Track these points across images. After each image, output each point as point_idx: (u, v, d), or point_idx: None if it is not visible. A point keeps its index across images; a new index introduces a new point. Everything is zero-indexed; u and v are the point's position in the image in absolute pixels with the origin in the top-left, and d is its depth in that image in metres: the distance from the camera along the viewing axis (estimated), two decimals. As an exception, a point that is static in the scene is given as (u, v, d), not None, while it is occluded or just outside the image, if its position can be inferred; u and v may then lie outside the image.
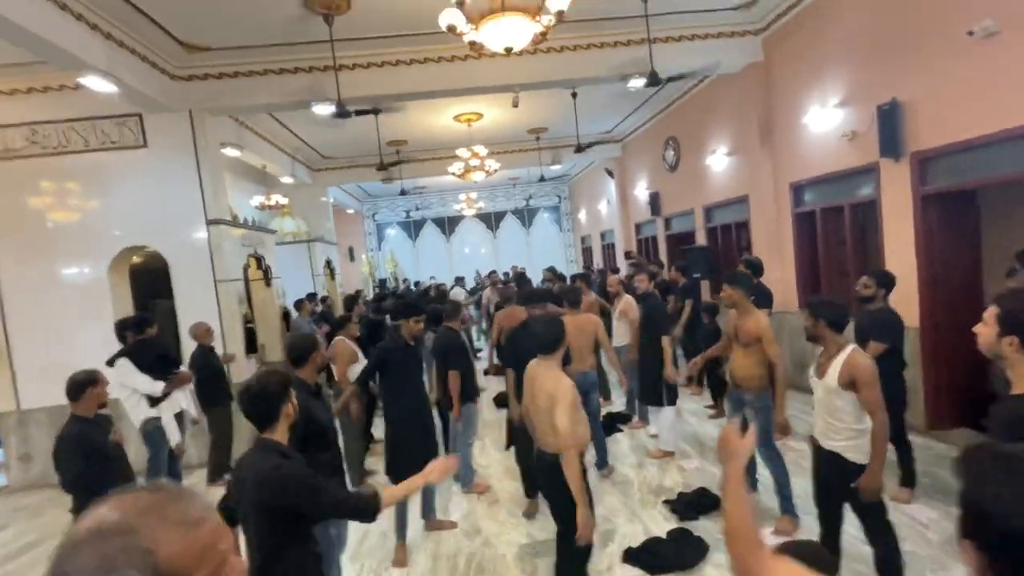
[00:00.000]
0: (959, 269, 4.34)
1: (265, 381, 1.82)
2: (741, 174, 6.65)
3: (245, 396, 1.80)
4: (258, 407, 1.78)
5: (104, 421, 2.90)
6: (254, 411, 1.79)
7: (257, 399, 1.78)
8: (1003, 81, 3.51)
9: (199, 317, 5.06)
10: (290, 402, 1.84)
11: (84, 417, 2.77)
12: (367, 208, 15.69)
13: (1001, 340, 1.41)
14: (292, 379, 1.92)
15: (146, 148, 5.37)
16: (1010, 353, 1.40)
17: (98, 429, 2.80)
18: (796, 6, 5.27)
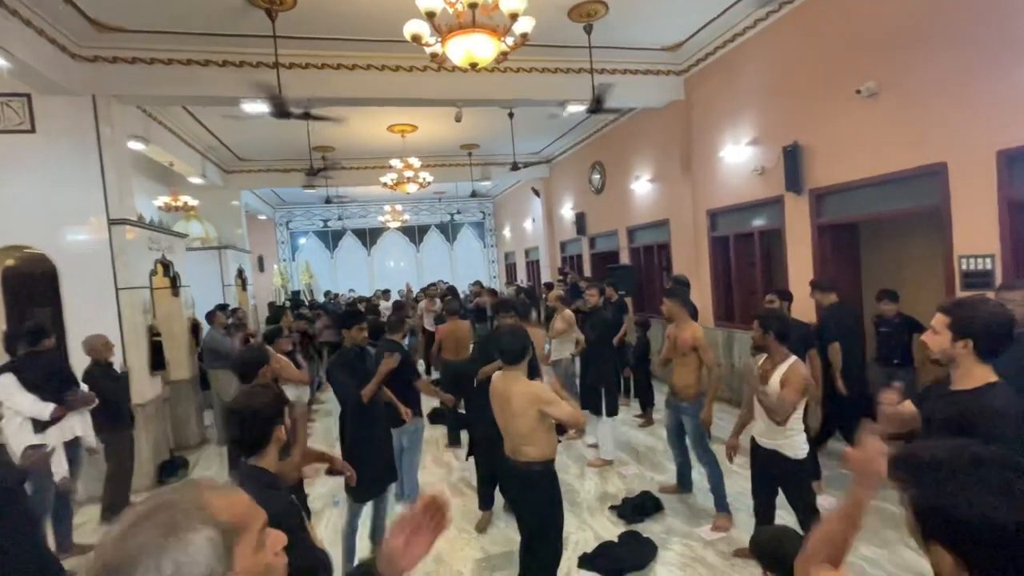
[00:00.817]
0: (845, 290, 5.05)
1: (257, 402, 1.62)
2: (662, 199, 7.23)
3: (234, 419, 1.60)
4: (249, 432, 1.59)
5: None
6: (244, 437, 1.60)
7: (249, 423, 1.59)
8: (880, 134, 4.22)
9: (94, 329, 4.41)
10: (283, 424, 1.66)
11: None
12: (280, 215, 14.74)
13: (955, 344, 1.63)
14: (283, 400, 1.72)
15: (33, 134, 4.66)
16: (964, 355, 1.62)
17: None
18: (713, 53, 5.91)
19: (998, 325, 1.60)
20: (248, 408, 1.61)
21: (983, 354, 1.63)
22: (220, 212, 9.36)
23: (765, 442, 2.86)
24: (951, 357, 1.66)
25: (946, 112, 3.73)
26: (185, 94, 5.14)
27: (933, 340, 1.69)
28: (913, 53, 3.91)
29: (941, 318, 1.67)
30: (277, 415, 1.65)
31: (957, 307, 1.66)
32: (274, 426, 1.63)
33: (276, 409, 1.66)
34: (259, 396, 1.67)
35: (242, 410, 1.61)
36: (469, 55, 3.32)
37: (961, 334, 1.62)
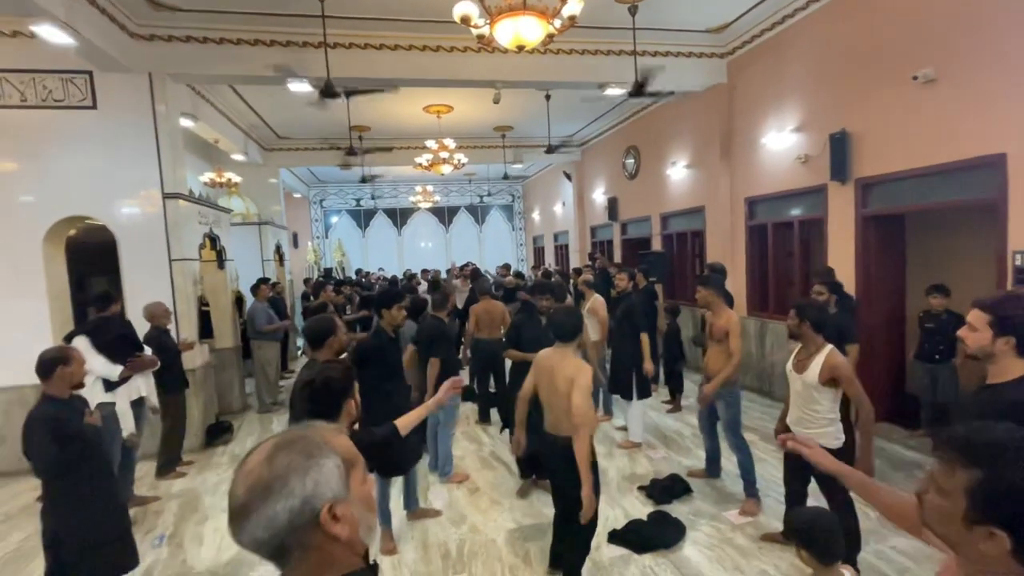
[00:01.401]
0: (888, 283, 4.96)
1: (329, 375, 1.69)
2: (699, 186, 7.12)
3: (306, 391, 1.67)
4: (321, 404, 1.64)
5: (79, 402, 2.65)
6: (315, 408, 1.64)
7: (320, 395, 1.65)
8: (934, 123, 4.07)
9: (149, 297, 4.69)
10: (353, 398, 1.72)
11: (57, 397, 2.52)
12: (315, 194, 15.04)
13: (996, 341, 1.62)
14: (354, 374, 1.78)
15: (95, 110, 4.89)
16: (1004, 352, 1.62)
17: (73, 411, 2.56)
18: (760, 36, 5.75)
19: None
20: (322, 379, 1.67)
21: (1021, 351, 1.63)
22: (259, 189, 9.62)
23: (800, 431, 2.88)
24: (990, 354, 1.65)
25: (1008, 101, 3.58)
26: (235, 73, 5.28)
27: (972, 337, 1.68)
28: (974, 38, 3.75)
29: (980, 315, 1.66)
30: (349, 388, 1.70)
31: (999, 304, 1.65)
32: (345, 399, 1.69)
33: (348, 382, 1.71)
34: (332, 369, 1.73)
35: (315, 380, 1.67)
36: (517, 37, 3.34)
37: (1003, 331, 1.62)
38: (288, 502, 0.76)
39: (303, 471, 0.79)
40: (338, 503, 0.80)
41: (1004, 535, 0.79)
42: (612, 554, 3.18)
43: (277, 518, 0.76)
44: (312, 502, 0.78)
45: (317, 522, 0.78)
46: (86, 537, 2.46)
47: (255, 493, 0.77)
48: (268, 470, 0.79)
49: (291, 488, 0.77)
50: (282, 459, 0.80)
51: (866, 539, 2.99)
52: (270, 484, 0.77)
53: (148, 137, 4.99)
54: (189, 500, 4.19)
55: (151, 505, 4.10)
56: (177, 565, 3.31)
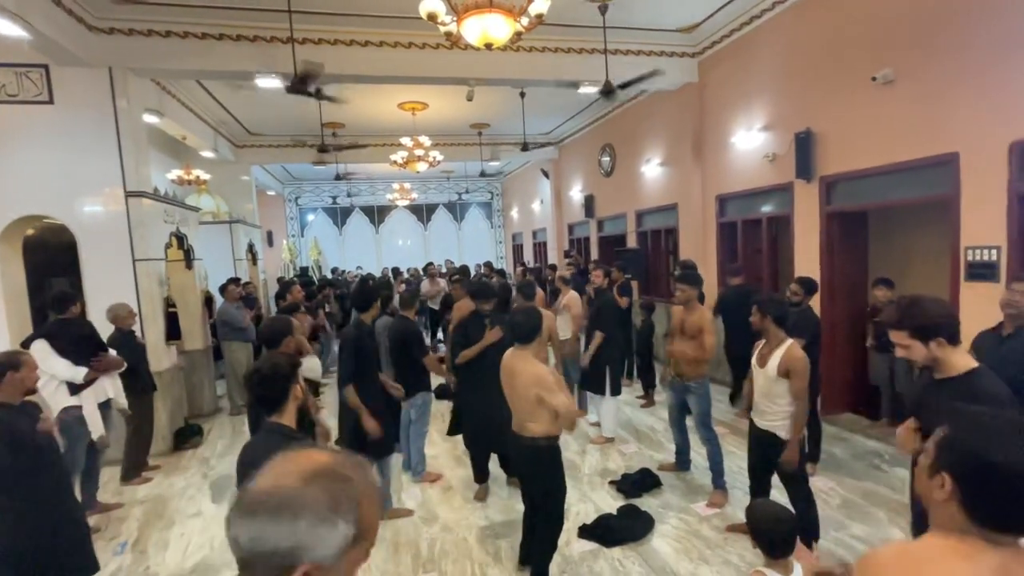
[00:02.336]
0: (851, 277, 5.10)
1: (275, 362, 1.81)
2: (672, 183, 7.22)
3: (255, 378, 1.77)
4: (270, 389, 1.76)
5: (32, 408, 2.57)
6: (265, 394, 1.77)
7: (269, 381, 1.76)
8: (894, 122, 4.20)
9: (112, 299, 4.56)
10: (298, 383, 1.83)
11: (7, 404, 2.44)
12: (289, 191, 14.79)
13: (930, 346, 1.71)
14: (298, 361, 1.92)
15: (52, 105, 4.72)
16: (940, 352, 1.71)
17: (25, 418, 2.47)
18: (729, 36, 5.85)
19: (946, 314, 1.73)
20: (268, 365, 1.79)
21: (952, 342, 1.73)
22: (231, 187, 9.42)
23: (762, 423, 2.95)
24: (935, 358, 1.74)
25: (961, 102, 3.72)
26: (200, 68, 5.16)
27: (911, 354, 1.76)
28: (931, 42, 3.88)
29: (899, 335, 1.75)
30: (292, 374, 1.83)
31: (905, 318, 1.74)
32: (290, 383, 1.80)
33: (291, 368, 1.84)
34: (276, 357, 1.87)
35: (262, 368, 1.79)
36: (485, 35, 3.33)
37: (927, 336, 1.70)
38: (282, 535, 0.71)
39: (317, 519, 0.72)
40: (319, 570, 0.73)
41: (948, 478, 0.90)
42: (582, 548, 3.22)
43: (264, 541, 0.71)
44: (299, 553, 0.71)
45: (289, 572, 0.72)
46: (37, 548, 2.37)
47: (269, 502, 0.72)
48: (300, 491, 0.73)
49: (296, 525, 0.71)
50: (315, 493, 0.73)
51: (825, 527, 3.08)
52: (288, 506, 0.72)
53: (109, 133, 4.84)
54: (155, 506, 4.10)
55: (115, 512, 4.00)
56: (140, 573, 3.23)
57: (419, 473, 4.23)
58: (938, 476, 0.92)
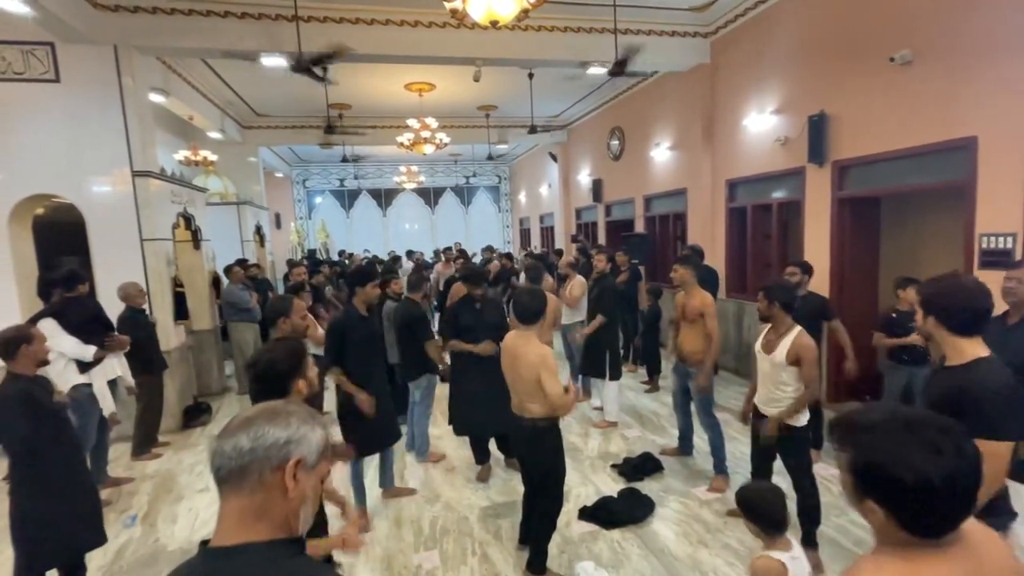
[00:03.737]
0: (861, 265, 5.02)
1: (273, 356, 1.66)
2: (681, 168, 7.11)
3: (251, 372, 1.66)
4: (266, 384, 1.63)
5: (44, 381, 2.62)
6: (261, 388, 1.64)
7: (263, 377, 1.64)
8: (911, 105, 4.08)
9: (120, 278, 4.61)
10: (303, 377, 1.69)
11: (25, 375, 2.49)
12: (297, 173, 14.78)
13: (927, 320, 1.68)
14: (304, 352, 1.74)
15: (58, 83, 4.72)
16: (934, 331, 1.67)
17: (43, 388, 2.54)
18: (743, 15, 5.69)
19: (961, 300, 1.62)
20: (262, 361, 1.65)
21: (954, 330, 1.65)
22: (239, 168, 9.42)
23: (765, 409, 2.93)
24: (927, 333, 1.72)
25: (982, 85, 3.59)
26: (204, 46, 5.11)
27: (918, 320, 1.75)
28: (952, 21, 3.74)
29: (916, 296, 1.76)
30: (294, 368, 1.66)
31: (926, 284, 1.73)
32: (291, 379, 1.65)
33: (292, 363, 1.67)
34: (275, 350, 1.70)
35: (257, 363, 1.66)
36: (490, 12, 3.26)
37: (927, 310, 1.68)
38: (279, 432, 0.87)
39: (303, 421, 0.91)
40: (304, 466, 0.88)
41: (875, 506, 0.87)
42: (581, 530, 3.25)
43: (264, 438, 0.86)
44: (291, 447, 0.87)
45: (281, 468, 0.86)
46: (55, 515, 2.44)
47: (263, 414, 0.90)
48: (283, 407, 0.93)
49: (289, 424, 0.88)
50: (294, 408, 0.94)
51: (827, 514, 3.08)
52: (277, 413, 0.90)
53: (115, 112, 4.83)
54: (164, 480, 4.19)
55: (125, 486, 4.09)
56: (149, 544, 3.31)
57: (423, 453, 4.27)
58: (865, 502, 0.89)
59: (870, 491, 0.88)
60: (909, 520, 0.86)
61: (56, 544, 2.46)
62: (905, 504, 0.85)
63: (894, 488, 0.85)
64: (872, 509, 0.88)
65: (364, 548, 3.09)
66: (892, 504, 0.86)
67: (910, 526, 0.86)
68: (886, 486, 0.86)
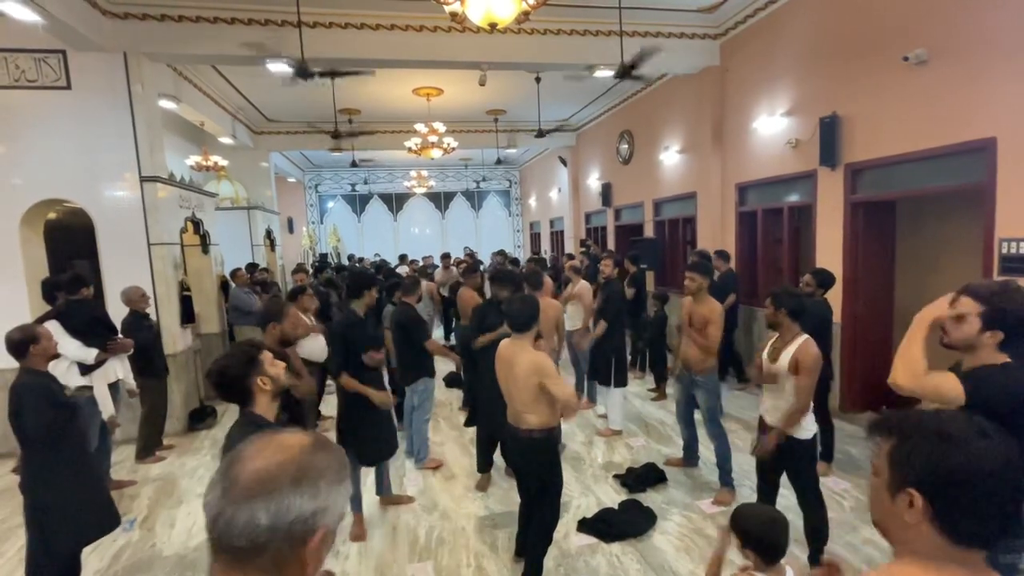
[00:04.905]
0: (876, 271, 4.86)
1: (223, 363, 1.72)
2: (691, 171, 7.00)
3: (209, 380, 1.74)
4: (223, 390, 1.71)
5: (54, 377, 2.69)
6: (221, 393, 1.73)
7: (219, 384, 1.70)
8: (927, 105, 3.94)
9: (128, 281, 4.65)
10: (262, 374, 1.72)
11: (40, 370, 2.58)
12: (310, 178, 14.93)
13: (983, 335, 1.52)
14: (257, 351, 1.77)
15: (70, 90, 4.80)
16: (987, 345, 1.52)
17: (56, 382, 2.64)
18: (753, 16, 5.58)
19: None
20: (214, 370, 1.70)
21: (1004, 346, 1.54)
22: (250, 173, 9.53)
23: (772, 420, 2.83)
24: (972, 346, 1.55)
25: (1000, 84, 3.45)
26: (212, 52, 5.17)
27: (957, 327, 1.55)
28: (967, 17, 3.61)
29: (972, 304, 1.53)
30: (247, 371, 1.70)
31: (993, 296, 1.51)
32: (247, 380, 1.69)
33: (244, 366, 1.70)
34: (227, 356, 1.75)
35: (212, 373, 1.71)
36: (489, 14, 3.22)
37: (992, 325, 1.50)
38: (306, 503, 0.68)
39: (334, 482, 0.72)
40: (329, 536, 0.72)
41: (919, 496, 0.80)
42: (580, 542, 3.16)
43: (287, 512, 0.67)
44: (318, 518, 0.69)
45: (305, 541, 0.69)
46: (72, 503, 2.54)
47: (287, 473, 0.68)
48: (310, 459, 0.71)
49: (317, 490, 0.69)
50: (323, 458, 0.72)
51: (836, 531, 2.95)
52: (306, 473, 0.69)
53: (124, 118, 4.90)
54: (166, 484, 4.20)
55: (127, 489, 4.10)
56: (146, 549, 3.31)
57: (421, 459, 4.22)
58: (903, 495, 0.82)
59: (919, 480, 0.81)
60: (961, 519, 0.79)
61: (77, 529, 2.55)
62: (962, 499, 0.78)
63: (953, 476, 0.79)
64: (911, 503, 0.81)
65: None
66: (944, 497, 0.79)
67: (960, 528, 0.79)
68: (944, 473, 0.79)
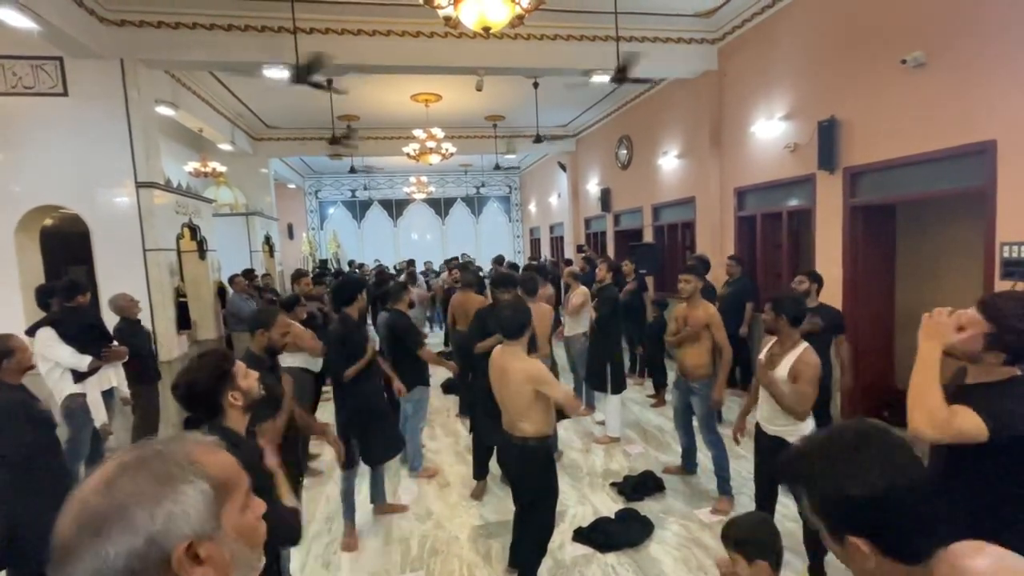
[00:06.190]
0: (877, 276, 4.81)
1: (191, 377, 1.56)
2: (690, 176, 6.97)
3: (175, 394, 1.58)
4: (194, 407, 1.56)
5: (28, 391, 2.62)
6: (191, 409, 1.57)
7: (185, 400, 1.56)
8: (925, 108, 3.91)
9: (124, 288, 4.61)
10: (234, 389, 1.58)
11: (12, 384, 2.49)
12: (310, 184, 14.96)
13: (988, 354, 1.46)
14: (228, 364, 1.62)
15: (67, 97, 4.81)
16: (992, 361, 1.47)
17: (30, 395, 2.55)
18: (750, 20, 5.57)
19: None
20: (183, 382, 1.56)
21: (1010, 362, 1.49)
22: (250, 179, 9.55)
23: (769, 428, 2.77)
24: (978, 359, 1.50)
25: (1000, 86, 3.42)
26: (208, 59, 5.17)
27: (961, 338, 1.50)
28: (967, 20, 3.58)
29: (981, 321, 1.47)
30: (217, 385, 1.56)
31: (1002, 316, 1.44)
32: (216, 396, 1.55)
33: (213, 381, 1.56)
34: (194, 369, 1.59)
35: (178, 386, 1.56)
36: (482, 18, 3.21)
37: (996, 346, 1.45)
38: (128, 541, 0.59)
39: (153, 500, 0.62)
40: (201, 542, 0.64)
41: (859, 540, 0.77)
42: (575, 553, 3.10)
43: (110, 563, 0.59)
44: (161, 541, 0.61)
45: (169, 567, 0.61)
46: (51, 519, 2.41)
47: (84, 529, 0.60)
48: (106, 499, 0.61)
49: (133, 523, 0.60)
50: (125, 484, 0.62)
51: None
52: (106, 517, 0.60)
53: (121, 125, 4.91)
54: (158, 493, 4.14)
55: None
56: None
57: (416, 468, 4.17)
58: (849, 543, 0.79)
59: (845, 524, 0.79)
60: (896, 542, 0.77)
61: None
62: (887, 521, 0.77)
63: (865, 511, 0.77)
64: (857, 547, 0.78)
65: None
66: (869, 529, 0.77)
67: (900, 549, 0.77)
68: (857, 511, 0.78)
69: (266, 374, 2.49)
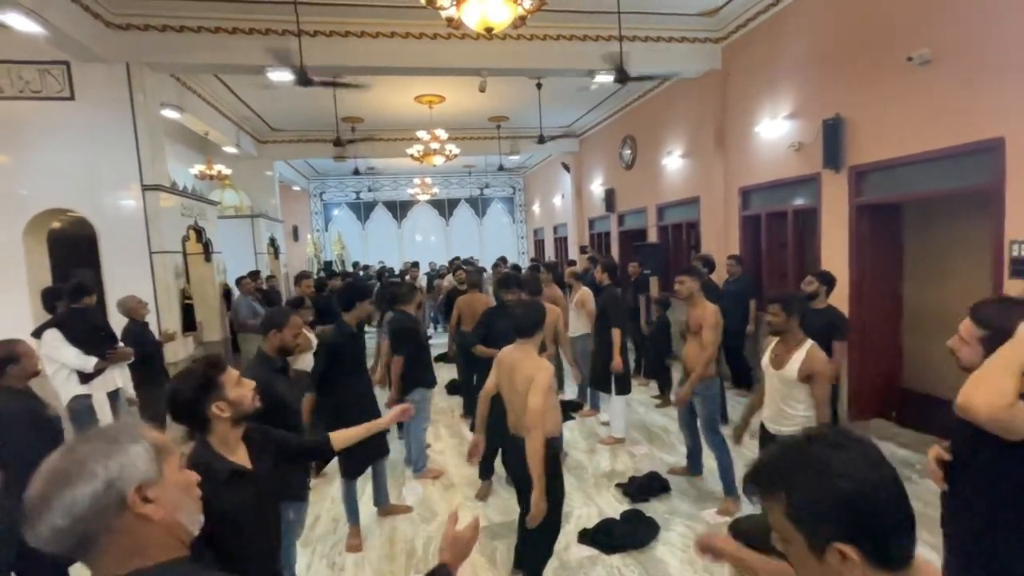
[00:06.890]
0: (883, 275, 4.77)
1: (176, 387, 1.51)
2: (694, 176, 6.94)
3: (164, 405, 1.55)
4: (181, 417, 1.51)
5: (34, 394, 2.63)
6: (175, 420, 1.53)
7: (173, 409, 1.51)
8: (932, 106, 3.87)
9: (130, 290, 4.65)
10: (220, 400, 1.51)
11: (17, 388, 2.49)
12: (314, 186, 15.01)
13: None
14: (216, 372, 1.53)
15: (73, 101, 4.85)
16: None
17: (37, 400, 2.55)
18: (754, 19, 5.54)
19: None
20: (168, 393, 1.51)
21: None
22: (255, 182, 9.59)
23: (774, 428, 2.76)
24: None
25: (1007, 82, 3.38)
26: (213, 62, 5.21)
27: (963, 350, 1.53)
28: (972, 16, 3.55)
29: (973, 329, 1.49)
30: (201, 394, 1.48)
31: (995, 321, 1.47)
32: (204, 405, 1.48)
33: (197, 389, 1.48)
34: (184, 379, 1.53)
35: (166, 397, 1.51)
36: (484, 19, 3.20)
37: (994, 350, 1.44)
38: (90, 485, 0.75)
39: (105, 455, 0.78)
40: (149, 485, 0.79)
41: (849, 547, 0.73)
42: (580, 554, 3.09)
43: (78, 503, 0.74)
44: (117, 484, 0.77)
45: (125, 504, 0.77)
46: None
47: (52, 483, 0.76)
48: (67, 459, 0.78)
49: (92, 471, 0.76)
50: (82, 448, 0.79)
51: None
52: (68, 470, 0.76)
53: (127, 128, 4.94)
54: (164, 494, 4.17)
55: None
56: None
57: (420, 469, 4.17)
58: (831, 552, 0.74)
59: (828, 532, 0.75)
60: (883, 544, 0.74)
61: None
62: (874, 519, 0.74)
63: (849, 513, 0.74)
64: (842, 555, 0.74)
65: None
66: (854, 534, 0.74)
67: (886, 552, 0.74)
68: (840, 515, 0.74)
69: (276, 375, 2.51)
